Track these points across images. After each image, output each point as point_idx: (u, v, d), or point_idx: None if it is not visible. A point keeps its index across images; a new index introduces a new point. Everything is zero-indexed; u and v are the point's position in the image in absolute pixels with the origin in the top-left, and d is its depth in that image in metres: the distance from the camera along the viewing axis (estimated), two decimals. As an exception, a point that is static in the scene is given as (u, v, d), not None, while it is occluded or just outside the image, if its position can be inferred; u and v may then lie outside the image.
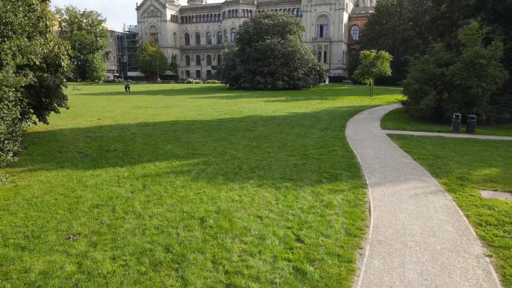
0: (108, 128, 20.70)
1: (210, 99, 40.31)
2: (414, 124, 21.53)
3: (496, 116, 21.40)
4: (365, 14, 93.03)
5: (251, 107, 31.77)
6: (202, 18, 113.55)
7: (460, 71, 20.48)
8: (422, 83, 22.26)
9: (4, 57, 12.13)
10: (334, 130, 19.75)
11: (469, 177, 10.59)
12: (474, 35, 20.93)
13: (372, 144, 15.67)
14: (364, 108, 30.65)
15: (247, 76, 53.05)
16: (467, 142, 16.38)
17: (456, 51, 22.25)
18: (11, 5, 12.64)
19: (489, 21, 23.16)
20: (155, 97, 44.49)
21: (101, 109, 31.05)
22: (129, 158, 13.39)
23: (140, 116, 25.70)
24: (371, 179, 10.63)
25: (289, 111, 28.20)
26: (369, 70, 40.73)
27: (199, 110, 29.44)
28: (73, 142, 16.51)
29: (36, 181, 10.53)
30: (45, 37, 16.02)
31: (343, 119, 23.97)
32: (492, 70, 19.83)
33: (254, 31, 54.20)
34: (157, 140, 16.90)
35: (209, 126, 21.16)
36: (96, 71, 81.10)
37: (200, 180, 10.44)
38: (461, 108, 20.83)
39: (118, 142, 16.47)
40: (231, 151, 14.39)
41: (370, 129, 20.18)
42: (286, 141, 16.61)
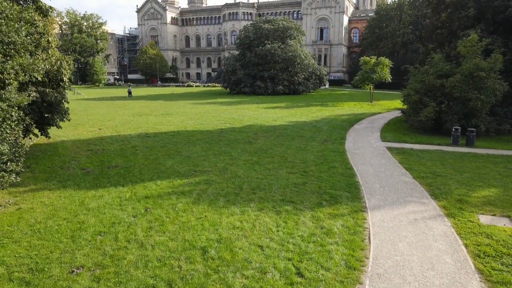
0: (109, 140, 20.79)
1: (211, 105, 40.41)
2: (414, 135, 21.62)
3: (496, 128, 21.49)
4: (365, 17, 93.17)
5: (252, 114, 31.87)
6: (202, 20, 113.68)
7: (460, 83, 20.58)
8: (422, 94, 22.36)
9: (7, 77, 12.25)
10: (334, 142, 19.84)
11: (468, 200, 10.68)
12: (473, 47, 21.03)
13: (372, 160, 15.76)
14: (364, 117, 30.74)
15: (248, 81, 53.15)
16: (466, 157, 16.47)
17: (456, 63, 22.36)
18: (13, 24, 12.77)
19: (489, 32, 23.26)
20: (155, 103, 44.62)
21: (102, 117, 31.15)
22: (131, 175, 13.49)
23: (141, 126, 25.80)
24: (370, 201, 10.72)
25: (289, 120, 28.29)
26: (369, 76, 40.81)
27: (199, 119, 29.54)
28: (74, 157, 16.61)
29: (39, 203, 10.63)
30: (47, 52, 16.15)
31: (343, 130, 24.06)
32: (491, 83, 19.93)
33: (254, 35, 54.30)
34: (158, 154, 17.00)
35: (209, 138, 21.25)
36: (96, 74, 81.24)
37: (202, 203, 10.53)
38: (460, 119, 20.93)
39: (120, 157, 16.57)
40: (232, 168, 14.48)
41: (370, 141, 20.27)
42: (286, 155, 16.71)
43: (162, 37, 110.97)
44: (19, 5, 15.47)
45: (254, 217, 9.47)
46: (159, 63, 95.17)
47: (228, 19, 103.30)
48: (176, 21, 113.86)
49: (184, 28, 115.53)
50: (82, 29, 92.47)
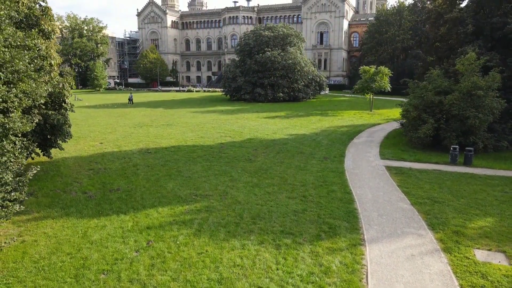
0: (111, 156, 20.97)
1: (211, 114, 40.57)
2: (413, 152, 21.80)
3: (494, 144, 21.69)
4: (365, 21, 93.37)
5: (251, 126, 32.04)
6: (203, 24, 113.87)
7: (458, 101, 20.77)
8: (421, 110, 22.54)
9: (10, 105, 12.44)
10: (333, 160, 20.02)
11: (464, 232, 10.86)
12: (471, 65, 21.23)
13: (370, 182, 15.93)
14: (363, 128, 30.91)
15: (248, 88, 53.36)
16: (463, 178, 16.65)
17: (454, 80, 22.56)
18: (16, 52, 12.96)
19: (487, 48, 23.47)
20: (156, 111, 44.79)
21: (103, 128, 31.32)
22: (132, 201, 13.67)
23: (141, 140, 25.97)
24: (369, 232, 10.90)
25: (289, 133, 28.46)
26: (368, 86, 41.01)
27: (199, 130, 29.71)
28: (76, 177, 16.79)
29: (43, 235, 10.81)
30: (50, 75, 16.34)
31: (342, 144, 24.24)
32: (489, 101, 20.13)
33: (254, 43, 54.50)
34: (160, 175, 17.18)
35: (210, 154, 21.43)
36: (97, 79, 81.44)
37: (203, 235, 10.71)
38: (458, 136, 21.13)
39: (121, 177, 16.75)
40: (232, 191, 14.67)
41: (369, 158, 20.45)
42: (286, 176, 16.89)
43: (163, 40, 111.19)
44: (22, 30, 15.67)
45: (254, 253, 9.65)
46: (160, 67, 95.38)
47: (228, 23, 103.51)
48: (176, 25, 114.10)
49: (185, 31, 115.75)
50: (82, 33, 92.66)
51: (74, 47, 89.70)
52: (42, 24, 16.28)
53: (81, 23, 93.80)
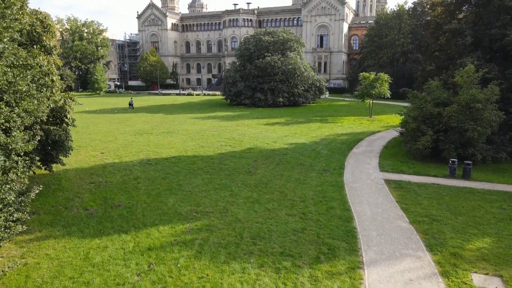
0: (112, 168, 21.09)
1: (211, 121, 40.66)
2: (412, 163, 21.92)
3: (493, 155, 21.80)
4: (365, 24, 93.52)
5: (252, 134, 32.16)
6: (203, 26, 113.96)
7: (457, 113, 20.90)
8: (420, 121, 22.67)
9: (13, 124, 12.57)
10: (333, 173, 20.15)
11: (462, 254, 10.98)
12: (470, 77, 21.36)
13: (369, 198, 16.06)
14: (363, 137, 31.02)
15: (248, 93, 53.49)
16: (462, 193, 16.78)
17: (453, 91, 22.68)
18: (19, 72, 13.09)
19: (486, 60, 23.61)
20: (156, 117, 44.92)
21: (103, 136, 31.44)
22: (133, 218, 13.80)
23: (142, 149, 26.09)
24: (368, 254, 11.02)
25: (289, 142, 28.57)
26: (368, 92, 41.14)
27: (200, 139, 29.83)
28: (78, 192, 16.91)
29: (45, 257, 10.93)
30: (52, 91, 16.46)
31: (342, 155, 24.36)
32: (487, 114, 20.26)
33: (254, 47, 54.62)
34: (160, 189, 17.31)
35: (210, 166, 21.55)
36: (97, 82, 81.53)
37: (203, 257, 10.83)
38: (457, 148, 21.27)
39: (122, 192, 16.87)
40: (232, 208, 14.79)
41: (368, 171, 20.58)
42: (286, 191, 17.02)
43: (163, 43, 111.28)
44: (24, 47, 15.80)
45: (254, 277, 9.77)
46: (160, 70, 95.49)
47: (228, 26, 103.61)
48: (176, 27, 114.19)
49: (185, 34, 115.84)
50: (83, 36, 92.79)
51: (74, 50, 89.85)
52: (44, 40, 16.41)
53: (81, 26, 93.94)
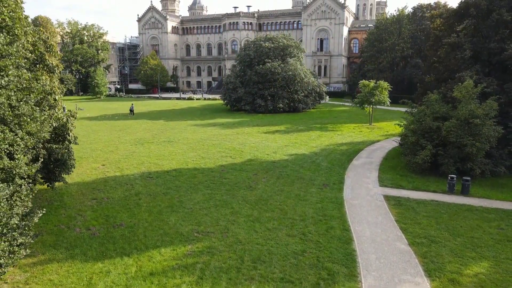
0: (113, 182, 21.25)
1: (211, 129, 40.79)
2: (411, 177, 22.07)
3: (491, 169, 21.95)
4: (365, 28, 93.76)
5: (252, 143, 32.31)
6: (203, 29, 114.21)
7: (455, 129, 21.07)
8: (419, 135, 22.84)
9: (17, 148, 12.74)
10: (332, 188, 20.31)
11: (460, 280, 11.14)
12: (469, 92, 21.52)
13: (369, 217, 16.21)
14: (363, 147, 31.15)
15: (248, 99, 53.68)
16: (460, 211, 16.94)
17: (452, 105, 22.83)
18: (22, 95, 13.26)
19: (485, 74, 23.78)
20: (156, 124, 45.10)
21: (104, 146, 31.61)
22: (135, 240, 13.96)
23: (143, 161, 26.25)
24: (367, 280, 11.18)
25: (289, 153, 28.72)
26: (368, 100, 41.32)
27: (200, 149, 29.99)
28: (80, 209, 17.08)
29: (48, 283, 11.10)
30: (55, 110, 16.63)
31: (341, 167, 24.51)
32: (486, 130, 20.42)
33: (254, 54, 54.81)
34: (162, 206, 17.47)
35: (211, 179, 21.71)
36: (98, 86, 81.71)
37: (205, 283, 10.99)
38: (456, 162, 21.43)
39: (124, 210, 17.04)
40: (233, 228, 14.95)
41: (368, 186, 20.73)
42: (286, 208, 17.19)
43: (163, 46, 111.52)
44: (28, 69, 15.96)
45: (255, 306, 9.93)
46: (160, 73, 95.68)
47: (228, 29, 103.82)
48: (176, 30, 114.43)
49: (185, 36, 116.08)
50: (83, 40, 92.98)
51: (75, 54, 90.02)
52: (47, 59, 16.58)
53: (82, 29, 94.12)
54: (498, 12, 23.22)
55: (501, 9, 23.23)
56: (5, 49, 10.11)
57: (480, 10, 23.71)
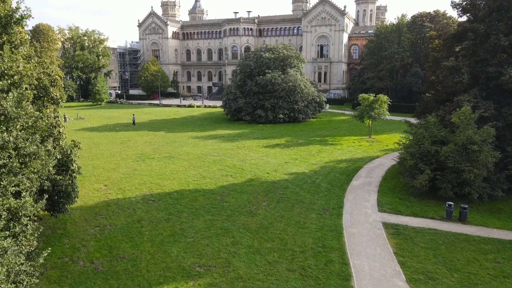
0: (115, 207, 21.53)
1: (212, 142, 41.00)
2: (409, 201, 22.34)
3: (489, 193, 22.20)
4: (365, 34, 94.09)
5: (252, 160, 32.57)
6: (203, 34, 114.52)
7: (453, 154, 21.34)
8: (417, 159, 23.11)
9: (23, 187, 13.01)
10: (332, 213, 20.59)
11: (455, 323, 11.42)
12: (466, 117, 21.80)
13: (367, 248, 16.47)
14: (362, 164, 31.38)
15: (248, 109, 53.98)
16: (458, 241, 17.21)
17: (451, 129, 23.10)
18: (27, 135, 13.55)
19: (482, 97, 24.04)
20: (157, 136, 45.36)
21: (106, 162, 31.87)
22: (138, 275, 14.25)
23: (144, 181, 26.52)
24: (365, 323, 11.46)
25: (289, 171, 28.98)
26: (368, 113, 41.61)
27: (201, 167, 30.25)
28: (83, 239, 17.37)
29: (55, 326, 11.37)
30: (59, 142, 16.92)
31: (341, 189, 24.78)
32: (483, 157, 20.68)
33: (255, 64, 55.11)
34: (164, 235, 17.76)
35: (212, 203, 22.01)
36: (98, 93, 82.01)
37: (207, 327, 11.28)
38: (454, 187, 21.71)
39: (126, 239, 17.33)
40: (234, 261, 15.24)
41: (366, 211, 21.00)
42: (286, 237, 17.48)
43: (163, 51, 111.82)
44: (33, 102, 16.26)
45: None
46: (161, 79, 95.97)
47: (229, 35, 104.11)
48: (177, 35, 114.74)
49: (185, 42, 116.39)
50: (84, 46, 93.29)
51: (75, 60, 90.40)
52: (52, 92, 16.88)
53: (83, 35, 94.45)
54: (496, 37, 23.51)
55: (499, 34, 23.52)
56: (15, 112, 10.40)
57: (478, 35, 24.00)
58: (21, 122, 13.08)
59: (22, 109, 10.95)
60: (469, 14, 25.72)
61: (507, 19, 23.73)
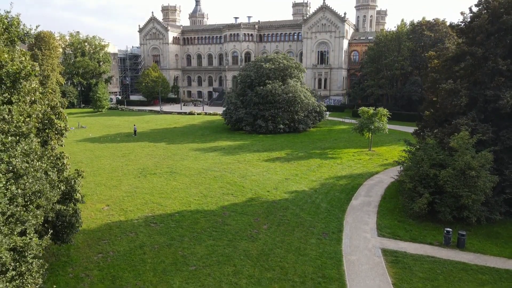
0: (118, 230, 21.82)
1: (212, 155, 41.25)
2: (408, 224, 22.61)
3: (487, 216, 22.47)
4: (365, 40, 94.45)
5: (253, 176, 32.83)
6: (204, 39, 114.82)
7: (452, 179, 21.61)
8: (416, 181, 23.37)
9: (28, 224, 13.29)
10: (331, 237, 20.87)
11: None
12: (465, 142, 22.08)
13: (367, 279, 16.74)
14: (361, 181, 31.61)
15: (249, 120, 54.27)
16: (456, 270, 17.49)
17: (449, 153, 23.36)
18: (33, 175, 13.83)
19: (480, 120, 24.31)
20: (159, 148, 45.62)
21: (108, 179, 32.15)
22: (142, 309, 14.52)
23: (146, 200, 26.80)
24: None
25: (290, 190, 29.23)
26: (367, 126, 41.88)
27: (202, 184, 30.53)
28: (87, 267, 17.66)
29: None
30: (63, 173, 17.20)
31: (340, 210, 25.06)
32: (481, 183, 20.94)
33: (255, 74, 55.42)
34: (166, 263, 18.04)
35: (213, 226, 22.31)
36: (99, 100, 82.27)
37: None
38: (452, 211, 21.99)
39: (129, 268, 17.62)
40: (236, 294, 15.53)
41: (366, 235, 21.28)
42: (286, 266, 17.77)
43: (164, 56, 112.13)
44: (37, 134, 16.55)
45: None
46: (161, 85, 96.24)
47: (229, 40, 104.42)
48: (177, 41, 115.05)
49: (186, 47, 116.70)
50: (85, 52, 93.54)
51: (76, 66, 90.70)
52: (56, 124, 17.16)
53: (83, 41, 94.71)
54: (493, 60, 23.79)
55: (497, 58, 23.80)
56: (24, 168, 10.68)
57: (476, 58, 24.27)
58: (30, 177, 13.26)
59: (30, 165, 11.21)
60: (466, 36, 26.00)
61: (505, 43, 24.00)
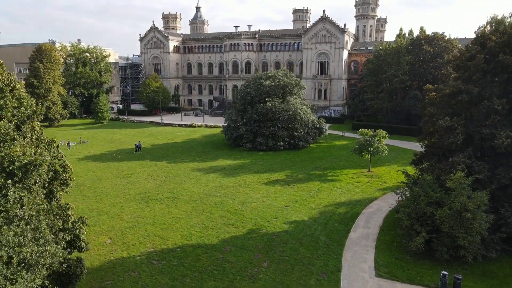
0: (120, 269, 22.31)
1: (213, 177, 41.67)
2: (406, 263, 23.07)
3: (483, 254, 22.92)
4: (365, 51, 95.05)
5: (253, 203, 33.27)
6: (204, 48, 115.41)
7: (448, 219, 22.05)
8: (414, 219, 23.81)
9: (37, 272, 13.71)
10: (330, 278, 21.32)
11: None
12: (461, 183, 22.52)
13: (364, 328, 17.21)
14: (360, 209, 32.03)
15: (249, 137, 54.76)
16: (451, 317, 17.93)
17: (445, 191, 23.78)
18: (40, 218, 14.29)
19: (477, 157, 24.74)
20: (160, 167, 46.08)
21: (110, 206, 32.59)
22: None
23: (148, 232, 27.28)
24: None
25: (289, 220, 29.68)
26: (366, 148, 42.32)
27: (203, 212, 31.01)
28: (91, 314, 18.09)
29: None
30: (68, 224, 17.63)
31: (339, 244, 25.52)
32: (477, 224, 21.38)
33: (255, 92, 55.93)
34: (168, 309, 18.49)
35: (214, 263, 22.83)
36: (101, 112, 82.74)
37: None
38: (449, 250, 22.43)
39: (132, 314, 18.05)
40: None
41: (363, 275, 21.73)
42: (286, 312, 18.21)
43: (165, 65, 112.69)
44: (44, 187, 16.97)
45: None
46: (162, 95, 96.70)
47: (229, 50, 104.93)
48: (178, 49, 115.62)
49: (186, 55, 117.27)
50: (86, 63, 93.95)
51: (78, 77, 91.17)
52: (63, 175, 17.59)
53: (84, 51, 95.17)
54: (489, 99, 24.24)
55: (493, 97, 24.25)
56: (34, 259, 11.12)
57: (472, 96, 24.71)
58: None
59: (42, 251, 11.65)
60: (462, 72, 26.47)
61: (501, 82, 24.45)
